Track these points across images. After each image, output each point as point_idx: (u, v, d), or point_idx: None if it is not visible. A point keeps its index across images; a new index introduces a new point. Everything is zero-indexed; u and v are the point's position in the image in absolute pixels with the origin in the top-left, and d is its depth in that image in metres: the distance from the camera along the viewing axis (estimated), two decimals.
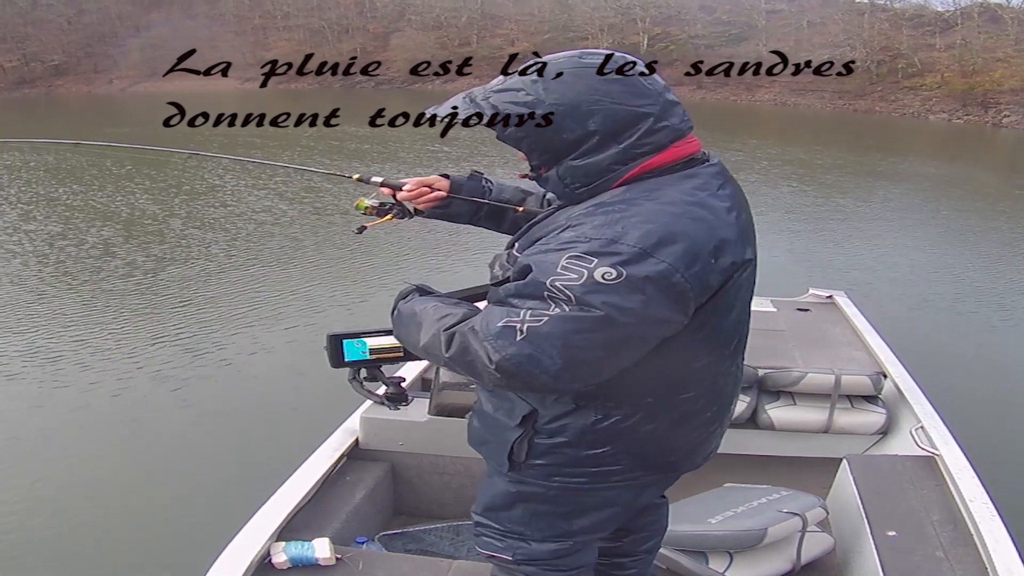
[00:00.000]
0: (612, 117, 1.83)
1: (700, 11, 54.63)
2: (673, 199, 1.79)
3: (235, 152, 21.50)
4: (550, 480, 2.06)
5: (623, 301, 1.68)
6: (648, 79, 1.89)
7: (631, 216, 1.74)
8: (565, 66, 1.87)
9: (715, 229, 1.79)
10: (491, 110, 1.90)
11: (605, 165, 1.86)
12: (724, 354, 2.03)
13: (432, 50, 57.32)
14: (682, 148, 1.89)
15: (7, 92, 56.76)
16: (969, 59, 43.12)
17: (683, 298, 1.74)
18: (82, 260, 11.12)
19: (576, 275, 1.69)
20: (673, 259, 1.69)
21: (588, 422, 1.96)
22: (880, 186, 19.55)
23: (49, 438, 6.05)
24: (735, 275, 1.85)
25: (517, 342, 1.73)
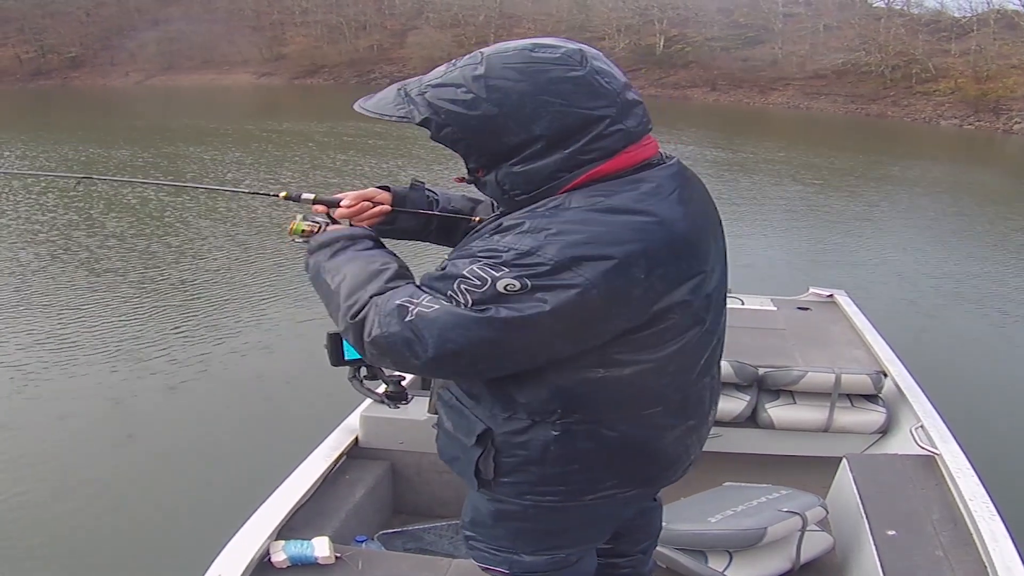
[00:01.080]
0: (560, 121, 1.69)
1: (718, 13, 54.52)
2: (612, 207, 1.68)
3: (248, 147, 21.57)
4: (523, 498, 1.98)
5: (515, 313, 1.62)
6: (605, 76, 1.73)
7: (558, 227, 1.64)
8: (512, 60, 1.71)
9: (654, 241, 1.67)
10: (426, 110, 1.76)
11: (548, 172, 1.73)
12: (693, 369, 1.92)
13: (449, 48, 57.02)
14: (635, 153, 1.76)
15: (23, 83, 56.55)
16: (983, 65, 43.12)
17: (594, 313, 1.65)
18: (77, 257, 11.07)
19: (480, 283, 1.64)
20: (591, 275, 1.60)
21: (547, 439, 1.87)
22: (883, 188, 19.65)
23: (47, 437, 6.02)
24: (684, 286, 1.74)
25: (404, 322, 1.69)
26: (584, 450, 1.88)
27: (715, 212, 1.95)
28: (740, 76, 49.41)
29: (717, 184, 18.83)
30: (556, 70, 1.68)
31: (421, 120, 1.76)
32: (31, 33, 60.63)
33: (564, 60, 1.70)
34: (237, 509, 3.17)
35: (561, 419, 1.84)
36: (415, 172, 19.21)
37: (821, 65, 47.66)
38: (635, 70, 53.09)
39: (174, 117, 32.85)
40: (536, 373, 1.79)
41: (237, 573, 2.77)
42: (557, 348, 1.72)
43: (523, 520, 2.05)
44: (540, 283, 1.60)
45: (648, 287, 1.67)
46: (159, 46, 59.35)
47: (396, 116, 1.78)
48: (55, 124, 30.38)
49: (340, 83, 56.50)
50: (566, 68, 1.69)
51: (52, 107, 42.26)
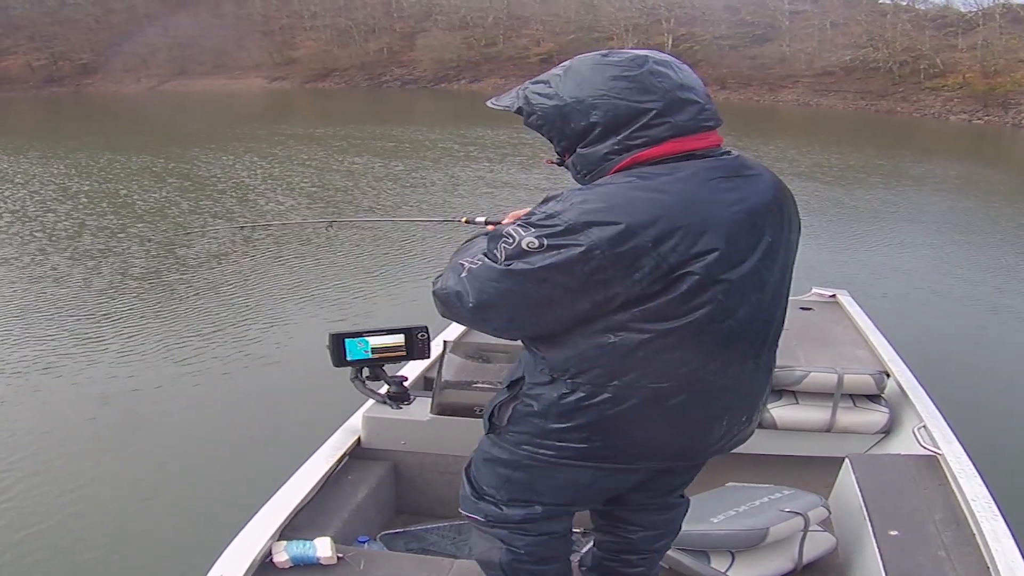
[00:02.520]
0: (613, 111, 1.96)
1: (725, 12, 54.49)
2: (640, 184, 1.92)
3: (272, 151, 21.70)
4: (519, 448, 2.19)
5: (528, 266, 1.89)
6: (659, 77, 1.97)
7: (584, 196, 1.91)
8: (586, 63, 2.03)
9: (668, 216, 1.87)
10: (521, 101, 2.10)
11: (603, 154, 2.00)
12: (714, 355, 2.04)
13: (458, 50, 57.52)
14: (683, 143, 1.98)
15: (35, 90, 57.02)
16: (991, 60, 43.06)
17: (600, 272, 1.86)
18: (80, 258, 11.15)
19: (512, 240, 1.91)
20: (597, 237, 1.84)
21: (556, 395, 2.07)
22: (890, 185, 19.60)
23: (49, 437, 6.06)
24: (698, 263, 1.90)
25: (460, 278, 2.01)
26: (581, 411, 2.05)
27: (778, 210, 2.11)
28: (749, 74, 49.39)
29: None
30: (615, 70, 1.98)
31: (516, 109, 2.12)
32: (41, 40, 61.11)
33: (626, 63, 1.99)
34: (239, 509, 3.17)
35: (572, 378, 2.04)
36: (425, 172, 19.32)
37: (829, 62, 47.68)
38: None
39: (191, 122, 33.03)
40: (563, 333, 2.02)
41: (239, 573, 2.77)
42: (572, 304, 1.93)
43: (513, 469, 2.26)
44: (554, 242, 1.86)
45: (659, 258, 1.87)
46: (170, 52, 59.76)
47: (502, 107, 2.16)
48: (73, 131, 30.54)
49: (352, 86, 56.85)
50: (624, 69, 1.98)
51: (66, 114, 42.51)
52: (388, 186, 17.29)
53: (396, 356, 3.03)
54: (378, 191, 16.59)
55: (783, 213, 2.13)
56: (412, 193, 16.23)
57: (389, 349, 3.00)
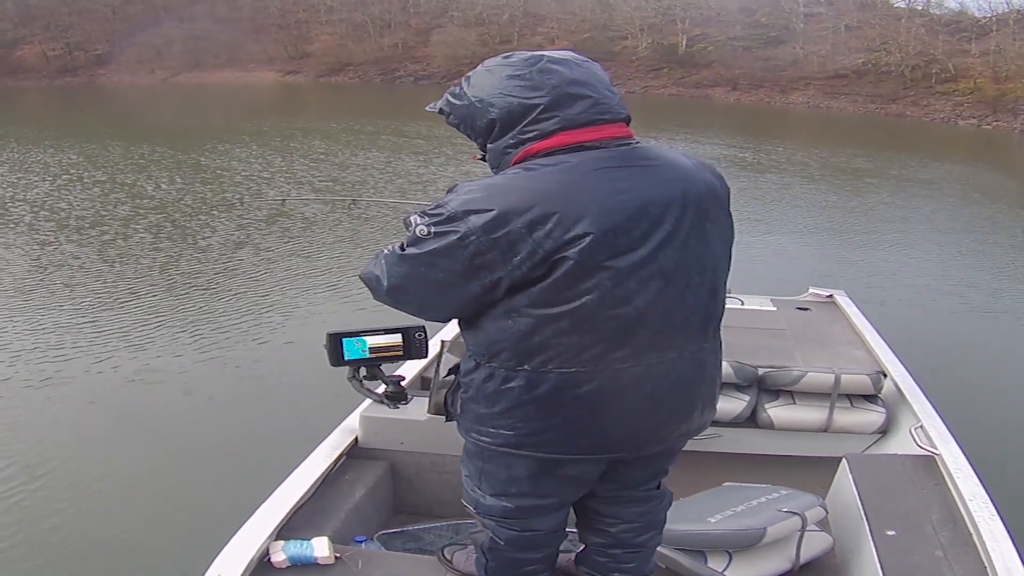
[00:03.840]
0: (507, 108, 2.12)
1: (740, 13, 54.39)
2: (521, 175, 2.06)
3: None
4: (469, 436, 2.34)
5: (420, 249, 2.07)
6: (550, 74, 2.10)
7: (469, 187, 2.07)
8: (488, 65, 2.21)
9: (542, 202, 1.98)
10: (443, 103, 2.28)
11: (502, 149, 2.16)
12: (617, 343, 2.09)
13: (473, 46, 57.28)
14: (573, 136, 2.09)
15: (50, 80, 57.18)
16: (1003, 65, 42.87)
17: (479, 257, 2.01)
18: (78, 252, 11.21)
19: (411, 228, 2.10)
20: (473, 224, 1.99)
21: (480, 379, 2.21)
22: (894, 188, 19.56)
23: (47, 437, 6.06)
24: (575, 248, 1.98)
25: (378, 262, 2.23)
26: (501, 395, 2.17)
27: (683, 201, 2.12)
28: (761, 75, 49.27)
29: (730, 186, 18.79)
30: (510, 69, 2.14)
31: (438, 111, 2.31)
32: (57, 30, 61.30)
33: (520, 63, 2.14)
34: (237, 509, 3.18)
35: (488, 362, 2.18)
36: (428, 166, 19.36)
37: (841, 65, 47.51)
38: (657, 69, 53.05)
39: (204, 114, 33.26)
40: (474, 317, 2.18)
41: (237, 573, 2.78)
42: (464, 286, 2.09)
43: (481, 460, 2.38)
44: (437, 229, 2.04)
45: (535, 243, 1.98)
46: (185, 44, 59.86)
47: (434, 110, 2.33)
48: (86, 121, 30.75)
49: (365, 81, 56.90)
50: (518, 68, 2.13)
51: (79, 104, 42.57)
52: (399, 184, 17.36)
53: (393, 356, 3.02)
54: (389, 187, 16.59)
55: (694, 205, 2.14)
56: (422, 192, 16.24)
57: (386, 349, 2.99)
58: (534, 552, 2.53)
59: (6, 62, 58.62)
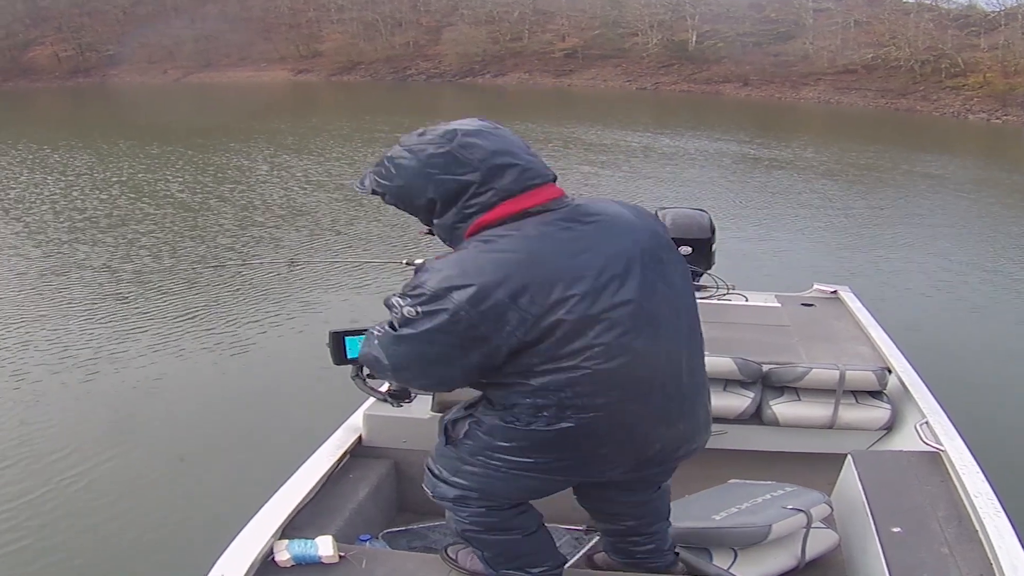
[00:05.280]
0: (442, 187, 2.22)
1: (750, 9, 54.41)
2: (486, 248, 2.15)
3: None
4: (473, 457, 2.44)
5: (413, 331, 2.17)
6: (470, 148, 2.21)
7: (441, 264, 2.16)
8: (406, 143, 2.28)
9: (516, 271, 2.10)
10: (373, 185, 2.36)
11: (450, 224, 2.27)
12: (625, 387, 2.24)
13: (483, 44, 57.62)
14: (514, 204, 2.21)
15: (62, 80, 57.64)
16: (1012, 60, 42.78)
17: (473, 330, 2.11)
18: (79, 254, 11.26)
19: (396, 310, 2.20)
20: (458, 300, 2.09)
21: (499, 422, 2.34)
22: (894, 182, 19.50)
23: (51, 435, 6.11)
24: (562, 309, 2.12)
25: (373, 344, 2.34)
26: (524, 435, 2.29)
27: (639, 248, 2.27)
28: (772, 71, 49.22)
29: (738, 182, 18.77)
30: (431, 148, 2.22)
31: (371, 191, 2.38)
32: (69, 31, 61.74)
33: (437, 140, 2.23)
34: (241, 508, 3.19)
35: (507, 409, 2.30)
36: None
37: (851, 60, 47.46)
38: (668, 65, 53.05)
39: (216, 114, 33.64)
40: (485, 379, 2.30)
41: (241, 572, 2.79)
42: (465, 357, 2.19)
43: (466, 474, 2.52)
44: (425, 308, 2.13)
45: (522, 311, 2.10)
46: (196, 44, 60.24)
47: (362, 190, 2.40)
48: (98, 122, 30.93)
49: (377, 79, 57.03)
50: (437, 146, 2.22)
51: (92, 105, 42.92)
52: None
53: None
54: None
55: (648, 252, 2.29)
56: None
57: None
58: (502, 533, 2.63)
59: (18, 63, 59.08)
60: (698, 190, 16.91)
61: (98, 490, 5.37)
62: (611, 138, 25.70)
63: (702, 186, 17.67)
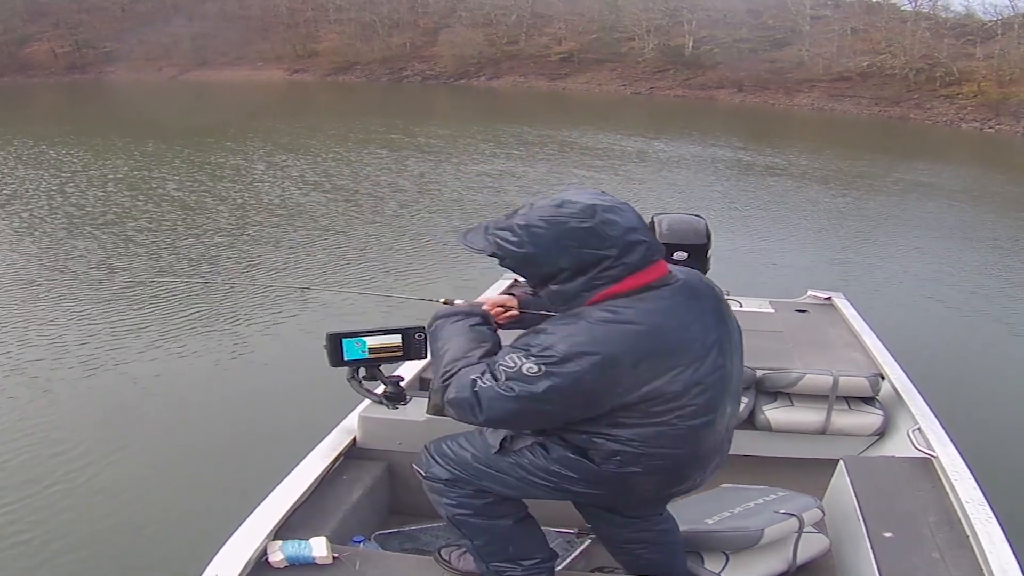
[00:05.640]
0: (577, 259, 2.32)
1: (747, 15, 54.59)
2: (613, 319, 2.28)
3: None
4: (514, 470, 2.59)
5: (534, 387, 2.27)
6: (610, 225, 2.32)
7: (570, 331, 2.28)
8: (544, 213, 2.35)
9: (639, 343, 2.28)
10: (493, 247, 2.43)
11: (575, 292, 2.36)
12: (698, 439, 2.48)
13: (480, 47, 57.78)
14: (638, 279, 2.34)
15: (58, 77, 57.61)
16: (1006, 69, 43.04)
17: (591, 393, 2.29)
18: (79, 259, 11.18)
19: (513, 366, 2.30)
20: (587, 364, 2.23)
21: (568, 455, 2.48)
22: (887, 190, 19.54)
23: (44, 437, 6.08)
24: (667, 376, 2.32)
25: (472, 391, 2.36)
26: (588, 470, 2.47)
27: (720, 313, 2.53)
28: (766, 78, 49.37)
29: (733, 188, 18.79)
30: (572, 222, 2.31)
31: (490, 253, 2.44)
32: (66, 28, 61.77)
33: (579, 214, 2.32)
34: (235, 509, 3.20)
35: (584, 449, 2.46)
36: (427, 165, 19.36)
37: (846, 67, 47.65)
38: (663, 70, 53.14)
39: (212, 113, 33.73)
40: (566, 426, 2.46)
41: (234, 573, 2.80)
42: (568, 412, 2.37)
43: (490, 472, 2.66)
44: (551, 369, 2.25)
45: (637, 376, 2.28)
46: (193, 41, 60.29)
47: (476, 249, 2.46)
48: (94, 119, 30.94)
49: (373, 80, 57.10)
50: (579, 220, 2.31)
51: (88, 101, 42.94)
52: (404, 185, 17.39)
53: (393, 356, 3.05)
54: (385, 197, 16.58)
55: (722, 313, 2.54)
56: (424, 197, 16.24)
57: (386, 349, 3.02)
58: (496, 518, 2.75)
59: (16, 59, 59.03)
60: (692, 196, 16.96)
61: (92, 490, 5.36)
62: (606, 142, 25.74)
63: (696, 191, 17.72)
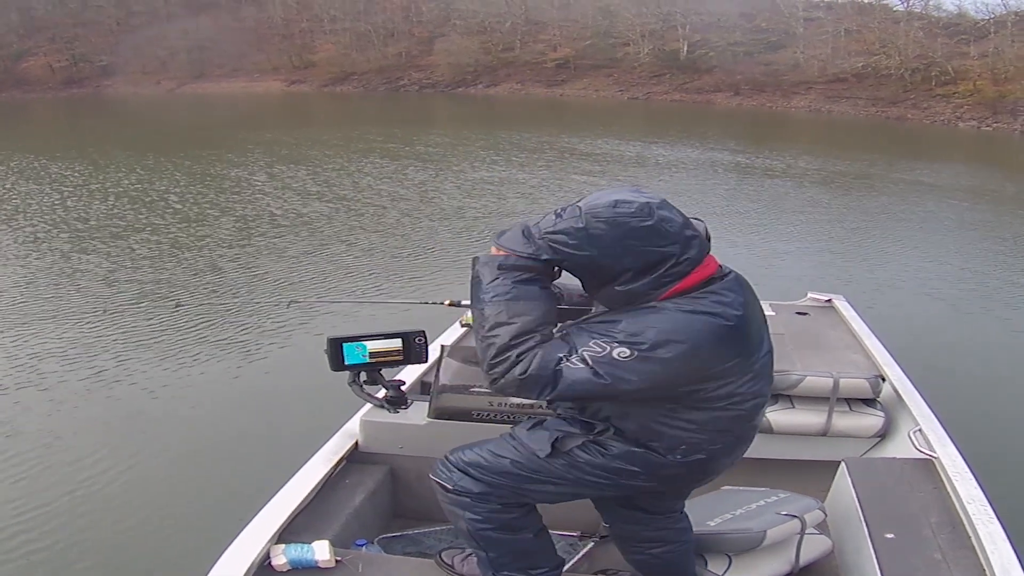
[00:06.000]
0: (643, 258, 2.37)
1: (740, 18, 54.57)
2: (692, 309, 2.36)
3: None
4: (575, 468, 2.63)
5: (623, 373, 2.32)
6: (668, 222, 2.38)
7: (652, 319, 2.35)
8: (602, 215, 2.36)
9: (717, 332, 2.37)
10: (550, 252, 2.42)
11: (643, 291, 2.40)
12: (748, 423, 2.64)
13: (476, 55, 57.76)
14: (700, 273, 2.43)
15: (55, 91, 57.52)
16: (1001, 67, 43.03)
17: (673, 378, 2.37)
18: (85, 272, 11.16)
19: (602, 350, 2.33)
20: (675, 352, 2.31)
21: (628, 449, 2.58)
22: (887, 191, 19.50)
23: (49, 440, 6.10)
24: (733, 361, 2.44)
25: (553, 370, 2.34)
26: (648, 463, 2.58)
27: (759, 305, 2.63)
28: (763, 80, 49.38)
29: (731, 190, 18.80)
30: (633, 221, 2.35)
31: (547, 258, 2.42)
32: (63, 42, 61.73)
33: (638, 213, 2.35)
34: (237, 513, 3.22)
35: (645, 440, 2.56)
36: (427, 171, 19.37)
37: (841, 69, 47.66)
38: (659, 75, 53.17)
39: (211, 125, 33.68)
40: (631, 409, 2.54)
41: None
42: (643, 398, 2.44)
43: (540, 476, 2.69)
44: (643, 354, 2.31)
45: (713, 364, 2.40)
46: (189, 54, 60.33)
47: (527, 253, 2.43)
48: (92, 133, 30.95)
49: (370, 90, 57.08)
50: (640, 219, 2.35)
51: (85, 116, 42.93)
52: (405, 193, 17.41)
53: (394, 360, 3.05)
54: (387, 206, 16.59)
55: (760, 306, 2.64)
56: (425, 205, 16.25)
57: (387, 353, 3.03)
58: (518, 531, 2.76)
59: (12, 74, 59.05)
60: (691, 199, 16.93)
61: (97, 496, 5.36)
62: (604, 148, 25.74)
63: (695, 195, 17.70)
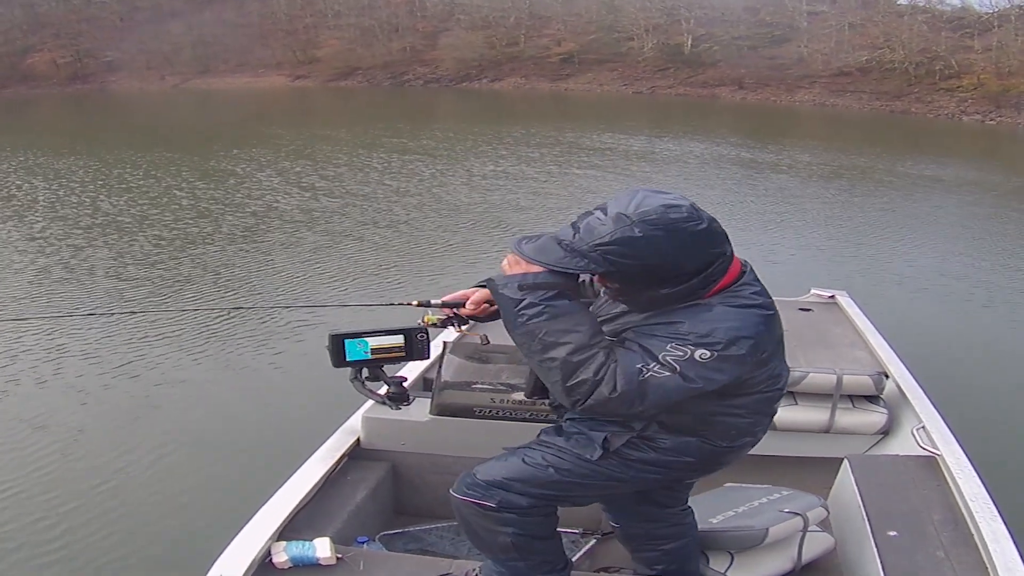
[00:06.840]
0: (701, 260, 2.36)
1: (744, 12, 54.41)
2: (743, 304, 2.41)
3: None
4: (630, 465, 2.64)
5: (710, 373, 2.33)
6: (715, 223, 2.39)
7: (715, 316, 2.36)
8: (656, 223, 2.30)
9: (768, 324, 2.46)
10: (605, 264, 2.35)
11: (689, 292, 2.39)
12: (767, 413, 2.68)
13: (480, 49, 57.60)
14: (734, 268, 2.47)
15: (60, 88, 57.32)
16: (1005, 61, 42.85)
17: (744, 370, 2.41)
18: (82, 252, 11.30)
19: (684, 354, 2.31)
20: (746, 347, 2.35)
21: (680, 443, 2.61)
22: (891, 186, 19.41)
23: (50, 437, 6.10)
24: (769, 350, 2.49)
25: (637, 381, 2.30)
26: (700, 453, 2.63)
27: None
28: (767, 74, 49.25)
29: (736, 185, 18.79)
30: (690, 226, 2.33)
31: (603, 272, 2.39)
32: (67, 38, 61.54)
33: (690, 218, 2.33)
34: (239, 510, 3.22)
35: (697, 433, 2.60)
36: (432, 167, 19.38)
37: (846, 63, 47.50)
38: (664, 69, 53.04)
39: (217, 120, 33.67)
40: (684, 406, 2.49)
41: (239, 574, 2.81)
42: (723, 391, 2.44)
43: (587, 480, 2.70)
44: (722, 353, 2.32)
45: (768, 353, 2.48)
46: (194, 50, 60.18)
47: (575, 268, 2.37)
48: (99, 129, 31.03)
49: (374, 85, 56.95)
50: (695, 224, 2.34)
51: (91, 111, 42.92)
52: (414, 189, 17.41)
53: (395, 357, 3.04)
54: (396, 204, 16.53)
55: None
56: (432, 201, 16.23)
57: (389, 350, 3.01)
58: (548, 539, 2.79)
59: (17, 70, 58.89)
60: (697, 194, 16.83)
61: (99, 492, 5.36)
62: (609, 142, 25.68)
63: (699, 190, 17.63)
